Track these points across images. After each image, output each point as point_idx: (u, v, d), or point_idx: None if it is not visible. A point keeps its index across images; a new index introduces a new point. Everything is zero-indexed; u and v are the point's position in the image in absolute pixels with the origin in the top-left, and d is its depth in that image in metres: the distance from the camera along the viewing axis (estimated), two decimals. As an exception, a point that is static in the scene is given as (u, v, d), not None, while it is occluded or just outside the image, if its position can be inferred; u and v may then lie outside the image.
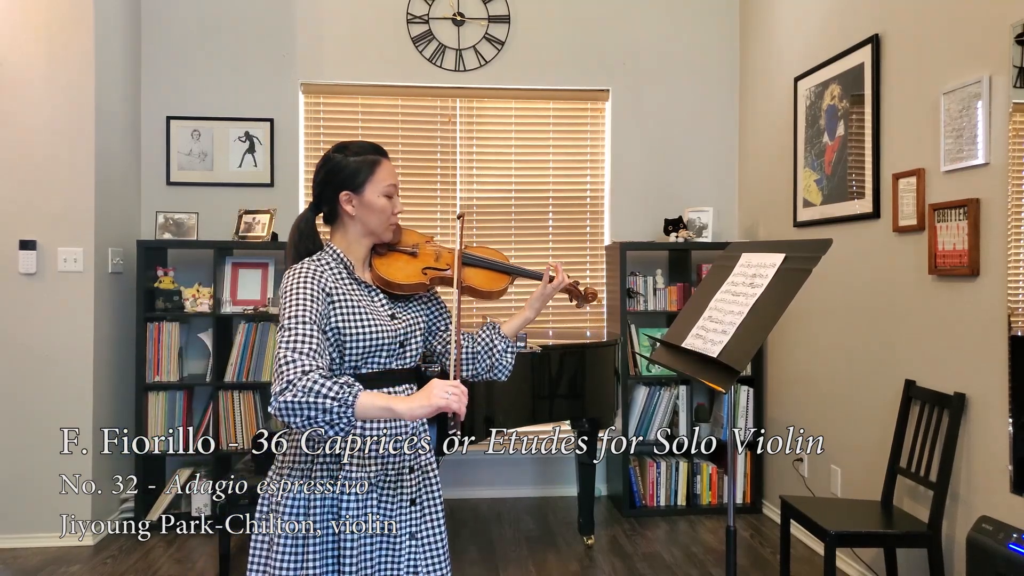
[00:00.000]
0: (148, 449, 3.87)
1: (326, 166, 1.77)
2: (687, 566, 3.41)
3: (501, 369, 1.93)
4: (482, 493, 4.41)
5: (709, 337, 2.20)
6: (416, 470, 1.79)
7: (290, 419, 1.47)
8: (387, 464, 1.74)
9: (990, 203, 2.53)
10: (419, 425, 1.82)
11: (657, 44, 4.52)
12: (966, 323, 2.64)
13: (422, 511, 1.79)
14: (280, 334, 1.58)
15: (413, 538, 1.76)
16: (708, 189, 4.55)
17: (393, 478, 1.74)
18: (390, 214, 1.78)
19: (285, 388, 1.48)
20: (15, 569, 3.33)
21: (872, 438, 3.21)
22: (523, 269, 2.00)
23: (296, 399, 1.47)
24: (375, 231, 1.78)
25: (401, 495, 1.75)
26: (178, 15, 4.25)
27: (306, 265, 1.69)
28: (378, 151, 1.78)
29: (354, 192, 1.74)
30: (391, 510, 1.74)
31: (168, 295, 3.91)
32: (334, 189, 1.75)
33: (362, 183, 1.74)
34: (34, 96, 3.60)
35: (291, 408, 1.47)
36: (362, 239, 1.79)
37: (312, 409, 1.47)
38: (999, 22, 2.49)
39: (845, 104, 3.40)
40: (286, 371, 1.50)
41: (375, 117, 4.41)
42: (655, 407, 4.23)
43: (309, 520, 1.67)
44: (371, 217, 1.76)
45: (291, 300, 1.61)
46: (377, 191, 1.75)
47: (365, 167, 1.75)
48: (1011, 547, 2.08)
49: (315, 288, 1.64)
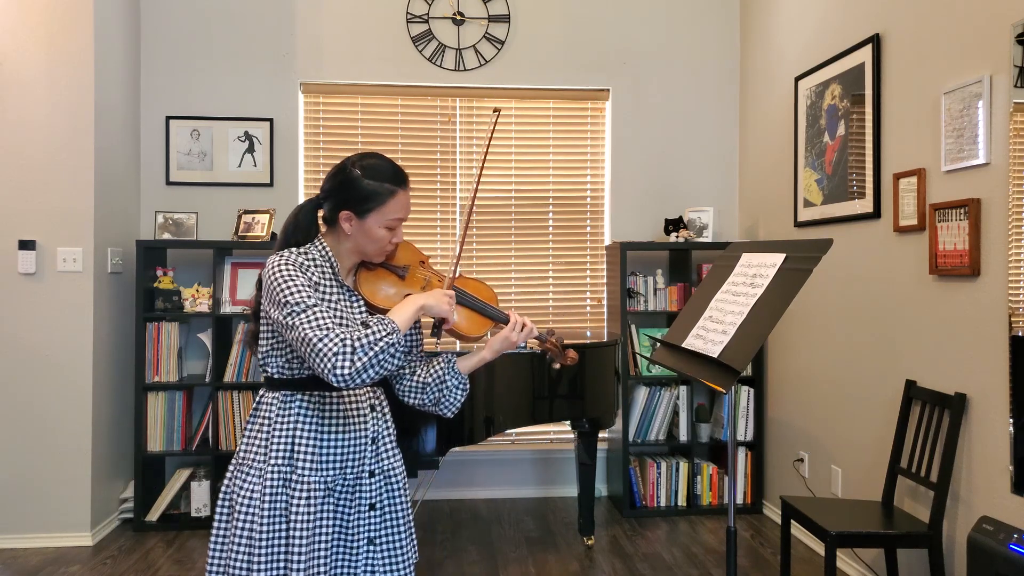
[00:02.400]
0: (148, 449, 3.87)
1: (341, 176, 1.71)
2: (687, 566, 3.40)
3: (447, 405, 1.84)
4: (482, 493, 4.41)
5: (709, 337, 2.20)
6: (377, 474, 1.76)
7: (364, 378, 1.52)
8: (344, 468, 1.71)
9: (991, 203, 2.52)
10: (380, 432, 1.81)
11: (657, 44, 4.51)
12: (967, 323, 2.64)
13: (383, 516, 1.76)
14: (293, 319, 1.55)
15: (372, 543, 1.73)
16: (708, 189, 4.54)
17: (352, 482, 1.72)
18: (386, 244, 1.74)
19: (338, 360, 1.50)
20: (15, 569, 3.33)
21: (872, 438, 3.20)
22: (504, 315, 1.89)
23: (363, 361, 1.51)
24: (366, 254, 1.75)
25: (359, 500, 1.72)
26: (178, 15, 4.24)
27: (295, 256, 1.67)
28: (398, 180, 1.71)
29: (356, 215, 1.69)
30: (348, 515, 1.72)
31: (167, 295, 3.91)
32: (338, 205, 1.70)
33: (368, 211, 1.69)
34: (34, 96, 3.60)
35: (362, 369, 1.51)
36: (352, 255, 1.76)
37: (382, 355, 1.53)
38: (999, 22, 2.49)
39: (846, 104, 3.40)
40: (326, 348, 1.51)
41: (375, 117, 4.41)
42: (655, 407, 4.22)
43: (260, 521, 1.65)
44: (366, 243, 1.72)
45: (289, 286, 1.59)
46: (380, 222, 1.70)
47: (378, 196, 1.69)
48: (1012, 547, 2.08)
49: (305, 278, 1.63)
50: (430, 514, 4.12)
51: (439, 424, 3.03)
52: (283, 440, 1.68)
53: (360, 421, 1.75)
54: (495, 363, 3.12)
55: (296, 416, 1.69)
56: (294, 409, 1.70)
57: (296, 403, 1.70)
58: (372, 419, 1.78)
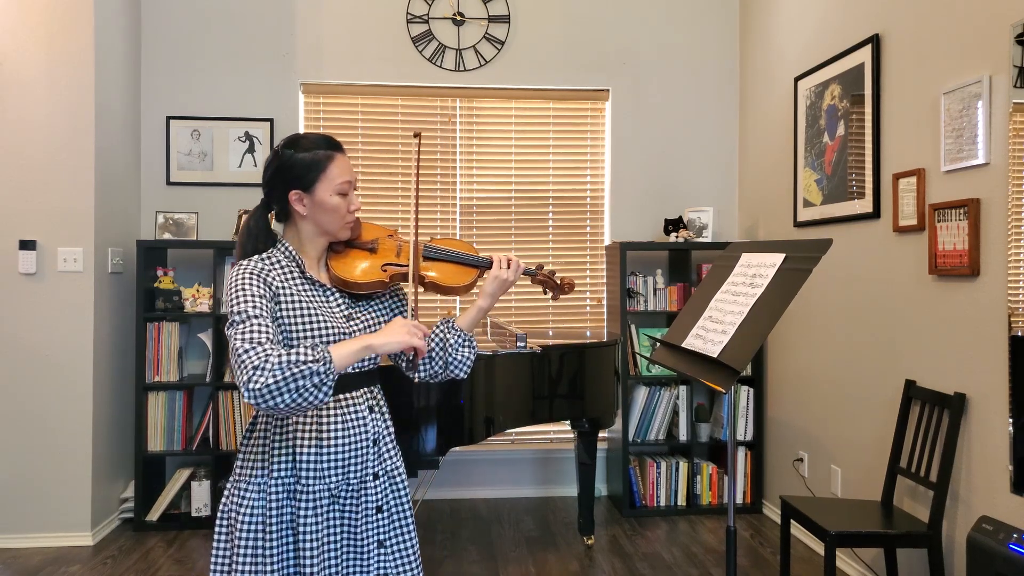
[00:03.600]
0: (148, 449, 3.87)
1: (275, 162, 1.67)
2: (687, 566, 3.41)
3: (457, 365, 1.77)
4: (482, 493, 4.41)
5: (709, 337, 2.20)
6: (381, 476, 1.73)
7: (275, 400, 1.41)
8: (348, 473, 1.67)
9: (990, 203, 2.52)
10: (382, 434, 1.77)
11: (657, 44, 4.52)
12: (966, 323, 2.64)
13: (390, 518, 1.73)
14: (231, 330, 1.50)
15: (382, 546, 1.70)
16: (708, 189, 4.55)
17: (356, 487, 1.68)
18: (345, 213, 1.68)
19: (255, 374, 1.41)
20: (15, 569, 3.33)
21: (872, 438, 3.21)
22: (485, 260, 1.84)
23: (276, 378, 1.41)
24: (329, 231, 1.70)
25: (366, 503, 1.69)
26: (178, 15, 4.25)
27: (252, 262, 1.62)
28: (332, 145, 1.68)
29: (304, 191, 1.65)
30: (356, 519, 1.68)
31: (168, 295, 3.91)
32: (284, 188, 1.66)
33: (313, 181, 1.64)
34: (34, 96, 3.60)
35: (274, 388, 1.41)
36: (316, 238, 1.70)
37: (297, 379, 1.42)
38: (999, 22, 2.49)
39: (845, 104, 3.40)
40: (248, 360, 1.43)
41: (375, 117, 4.41)
42: (655, 407, 4.22)
43: (268, 537, 1.60)
44: (324, 217, 1.67)
45: (238, 296, 1.54)
46: (329, 189, 1.65)
47: (316, 164, 1.64)
48: (1011, 547, 2.08)
49: (260, 284, 1.58)
50: (430, 514, 4.12)
51: (439, 424, 3.03)
52: (284, 451, 1.64)
53: (360, 424, 1.70)
54: (495, 363, 3.12)
55: (295, 425, 1.65)
56: (292, 418, 1.65)
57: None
58: (372, 421, 1.73)
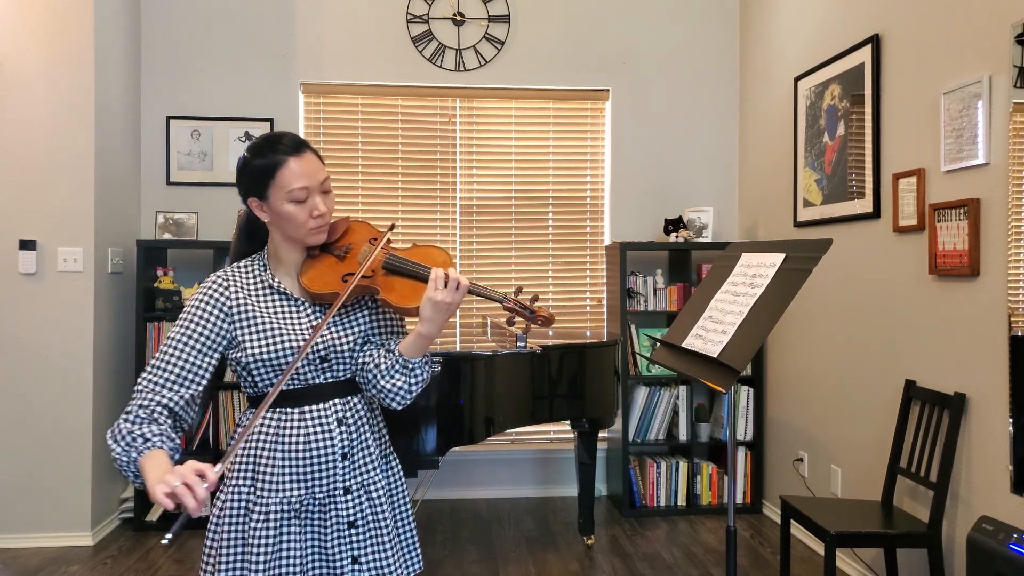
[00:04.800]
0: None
1: (239, 166, 1.60)
2: (687, 566, 3.41)
3: (386, 394, 1.61)
4: (482, 493, 4.41)
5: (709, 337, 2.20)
6: (354, 491, 1.63)
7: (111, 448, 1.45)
8: (312, 487, 1.59)
9: (990, 203, 2.52)
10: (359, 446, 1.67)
11: (657, 44, 4.52)
12: (966, 323, 2.64)
13: (366, 533, 1.63)
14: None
15: (356, 562, 1.61)
16: (708, 189, 4.55)
17: (323, 501, 1.60)
18: (305, 220, 1.56)
19: (122, 417, 1.47)
20: (15, 569, 3.33)
21: (872, 438, 3.21)
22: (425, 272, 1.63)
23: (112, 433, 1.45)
24: (294, 238, 1.60)
25: (336, 518, 1.60)
26: (178, 15, 4.25)
27: (214, 279, 1.61)
28: (287, 149, 1.54)
29: (260, 199, 1.57)
30: (325, 534, 1.60)
31: (168, 295, 3.91)
32: (244, 194, 1.59)
33: (265, 189, 1.55)
34: (34, 96, 3.60)
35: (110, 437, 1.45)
36: (286, 244, 1.62)
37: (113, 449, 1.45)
38: (999, 22, 2.49)
39: (845, 104, 3.40)
40: (132, 398, 1.50)
41: (375, 117, 4.41)
42: (655, 407, 4.22)
43: (218, 546, 1.57)
44: (285, 225, 1.58)
45: (182, 318, 1.56)
46: (281, 197, 1.54)
47: (267, 171, 1.54)
48: (1011, 547, 2.08)
49: (210, 308, 1.56)
50: (430, 514, 4.12)
51: (439, 424, 3.03)
52: (247, 461, 1.59)
53: (325, 437, 1.60)
54: (495, 363, 3.12)
55: (257, 435, 1.59)
56: (258, 426, 1.59)
57: (259, 421, 1.60)
58: (340, 433, 1.62)
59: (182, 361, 1.52)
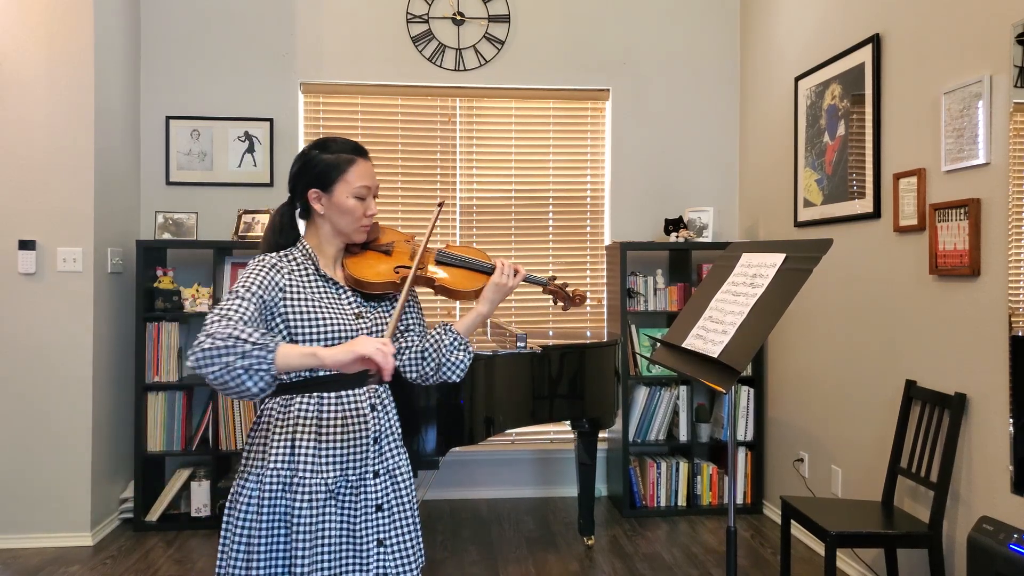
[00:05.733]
0: (148, 449, 3.87)
1: (301, 160, 1.75)
2: (687, 566, 3.41)
3: (451, 367, 1.79)
4: (482, 493, 4.41)
5: (709, 337, 2.20)
6: (382, 475, 1.74)
7: (205, 368, 1.42)
8: (347, 469, 1.69)
9: (991, 203, 2.52)
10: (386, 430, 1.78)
11: (657, 44, 4.51)
12: (967, 323, 2.64)
13: (390, 517, 1.74)
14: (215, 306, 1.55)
15: (381, 544, 1.70)
16: (708, 189, 4.55)
17: (355, 484, 1.70)
18: (360, 216, 1.74)
19: (203, 338, 1.44)
20: (15, 569, 3.33)
21: (872, 438, 3.21)
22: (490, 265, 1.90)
23: (214, 345, 1.42)
24: (344, 232, 1.76)
25: (366, 501, 1.70)
26: (178, 15, 4.24)
27: (269, 257, 1.69)
28: (356, 151, 1.75)
29: (323, 191, 1.72)
30: (355, 517, 1.69)
31: (167, 295, 3.91)
32: (304, 185, 1.73)
33: (332, 182, 1.72)
34: (34, 96, 3.60)
35: (208, 356, 1.42)
36: (332, 238, 1.77)
37: (230, 354, 1.42)
38: (1000, 21, 2.49)
39: (845, 104, 3.40)
40: (207, 325, 1.48)
41: (375, 117, 4.41)
42: (655, 407, 4.22)
43: (260, 526, 1.63)
44: (340, 218, 1.73)
45: (240, 281, 1.61)
46: (347, 192, 1.72)
47: (337, 166, 1.72)
48: (1012, 547, 2.08)
49: (266, 278, 1.64)
50: (430, 514, 4.12)
51: (439, 424, 3.03)
52: (282, 443, 1.67)
53: (360, 421, 1.72)
54: (495, 363, 3.12)
55: (295, 419, 1.67)
56: (293, 412, 1.68)
57: (295, 406, 1.68)
58: (373, 418, 1.74)
59: (245, 309, 1.56)
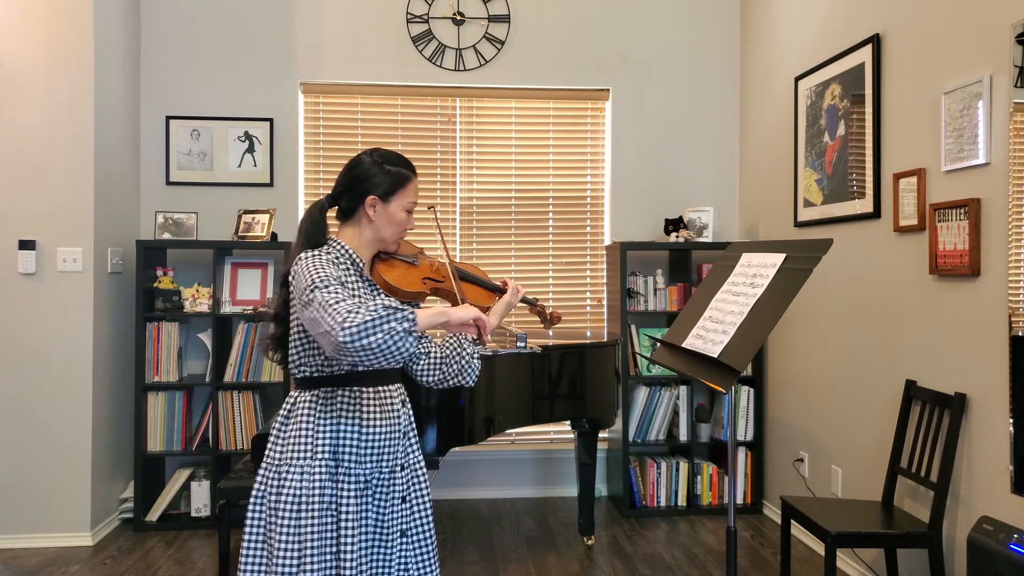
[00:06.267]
0: (148, 449, 3.87)
1: (359, 167, 1.82)
2: (687, 567, 3.41)
3: (469, 373, 1.92)
4: (482, 493, 4.41)
5: (709, 337, 2.20)
6: (406, 468, 1.83)
7: (369, 337, 1.49)
8: (381, 461, 1.77)
9: (991, 203, 2.52)
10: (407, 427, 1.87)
11: (657, 44, 4.51)
12: (967, 323, 2.64)
13: (411, 509, 1.82)
14: (315, 292, 1.58)
15: (404, 535, 1.79)
16: (708, 189, 4.55)
17: (387, 475, 1.77)
18: (404, 228, 1.86)
19: (349, 316, 1.50)
20: (15, 569, 3.33)
21: (872, 438, 3.21)
22: (498, 286, 2.10)
23: (372, 316, 1.51)
24: (385, 240, 1.85)
25: (393, 492, 1.78)
26: (177, 15, 4.24)
27: (320, 255, 1.74)
28: (412, 168, 1.88)
29: (381, 199, 1.81)
30: (383, 508, 1.76)
31: (167, 295, 3.91)
32: (362, 191, 1.80)
33: (392, 193, 1.81)
34: (34, 96, 3.60)
35: (369, 326, 1.49)
36: (371, 244, 1.85)
37: (389, 320, 1.51)
38: (1000, 22, 2.49)
39: (846, 104, 3.40)
40: (341, 306, 1.53)
41: (375, 117, 4.41)
42: (655, 407, 4.22)
43: (310, 515, 1.69)
44: (388, 227, 1.83)
45: (318, 271, 1.64)
46: (402, 205, 1.83)
47: (399, 179, 1.82)
48: (1012, 547, 2.08)
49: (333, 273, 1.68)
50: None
51: (439, 424, 3.03)
52: (327, 436, 1.73)
53: (394, 415, 1.82)
54: (495, 363, 3.12)
55: (338, 412, 1.75)
56: (336, 405, 1.75)
57: (337, 399, 1.75)
58: (404, 414, 1.85)
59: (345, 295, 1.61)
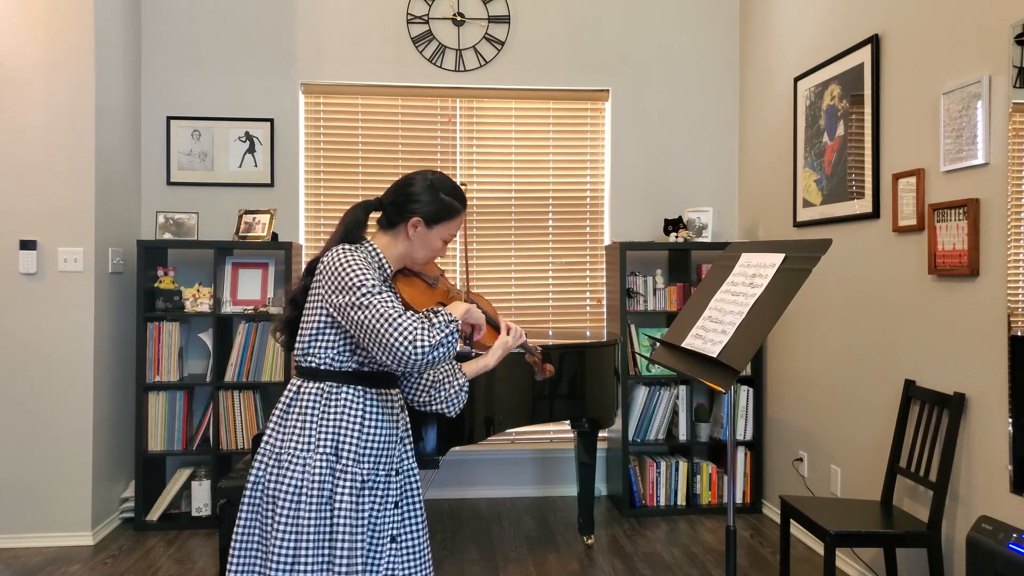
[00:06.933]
0: (148, 449, 3.88)
1: (414, 186, 1.84)
2: (687, 566, 3.41)
3: (455, 403, 1.96)
4: (482, 493, 4.41)
5: (709, 337, 2.20)
6: (401, 473, 1.83)
7: (438, 352, 1.61)
8: (379, 464, 1.76)
9: (990, 203, 2.53)
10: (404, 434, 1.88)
11: (657, 44, 4.52)
12: (966, 323, 2.65)
13: (403, 514, 1.82)
14: (369, 297, 1.63)
15: (394, 541, 1.78)
16: (708, 189, 4.55)
17: (382, 479, 1.77)
18: (436, 255, 1.89)
19: (422, 332, 1.60)
20: (15, 569, 3.33)
21: (872, 438, 3.21)
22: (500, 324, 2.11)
23: (439, 336, 1.61)
24: (415, 260, 1.87)
25: (387, 496, 1.78)
26: (178, 15, 4.25)
27: (358, 253, 1.75)
28: (464, 202, 1.91)
29: (425, 223, 1.82)
30: (376, 512, 1.76)
31: (168, 295, 3.91)
32: (410, 210, 1.82)
33: (438, 220, 1.83)
34: (34, 96, 3.60)
35: (443, 341, 1.62)
36: (401, 259, 1.86)
37: (451, 336, 1.63)
38: (999, 22, 2.50)
39: (845, 104, 3.40)
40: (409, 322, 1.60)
41: (375, 117, 4.41)
42: (655, 407, 4.23)
43: (308, 506, 1.69)
44: (422, 250, 1.85)
45: (360, 271, 1.67)
46: (442, 234, 1.85)
47: (449, 211, 1.85)
48: (1011, 547, 2.08)
49: (373, 269, 1.72)
50: (430, 513, 4.13)
51: (439, 424, 3.03)
52: (329, 431, 1.72)
53: (394, 419, 1.82)
54: (495, 363, 3.13)
55: (342, 409, 1.74)
56: (342, 400, 1.74)
57: (342, 395, 1.75)
58: (402, 419, 1.86)
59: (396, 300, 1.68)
